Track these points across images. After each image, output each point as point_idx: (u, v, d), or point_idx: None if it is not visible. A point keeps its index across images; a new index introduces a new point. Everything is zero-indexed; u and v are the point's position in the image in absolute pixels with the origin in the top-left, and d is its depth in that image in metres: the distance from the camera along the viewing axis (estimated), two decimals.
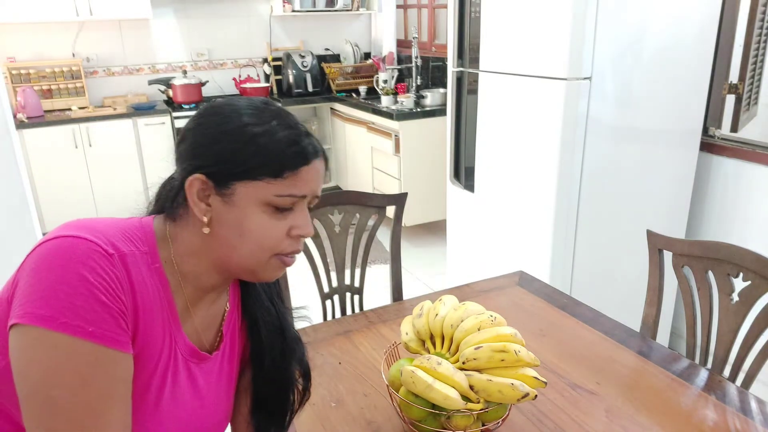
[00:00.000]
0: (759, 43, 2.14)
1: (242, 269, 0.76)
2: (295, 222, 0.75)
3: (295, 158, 0.72)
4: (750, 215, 2.17)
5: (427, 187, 3.64)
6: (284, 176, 0.71)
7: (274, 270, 0.76)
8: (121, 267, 0.67)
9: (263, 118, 0.72)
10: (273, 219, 0.73)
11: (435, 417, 0.95)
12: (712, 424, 1.03)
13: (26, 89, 3.63)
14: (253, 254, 0.73)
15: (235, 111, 0.73)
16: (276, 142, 0.71)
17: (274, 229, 0.73)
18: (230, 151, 0.71)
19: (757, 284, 1.23)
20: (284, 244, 0.75)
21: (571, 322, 1.39)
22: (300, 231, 0.76)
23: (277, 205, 0.72)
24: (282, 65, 4.42)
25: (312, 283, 1.60)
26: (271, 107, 0.75)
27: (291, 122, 0.74)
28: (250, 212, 0.72)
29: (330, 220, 1.60)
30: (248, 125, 0.71)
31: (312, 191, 0.75)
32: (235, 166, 0.70)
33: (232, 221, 0.72)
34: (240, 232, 0.72)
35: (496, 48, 2.24)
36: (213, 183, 0.71)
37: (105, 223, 0.71)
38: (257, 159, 0.70)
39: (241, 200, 0.71)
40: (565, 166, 2.02)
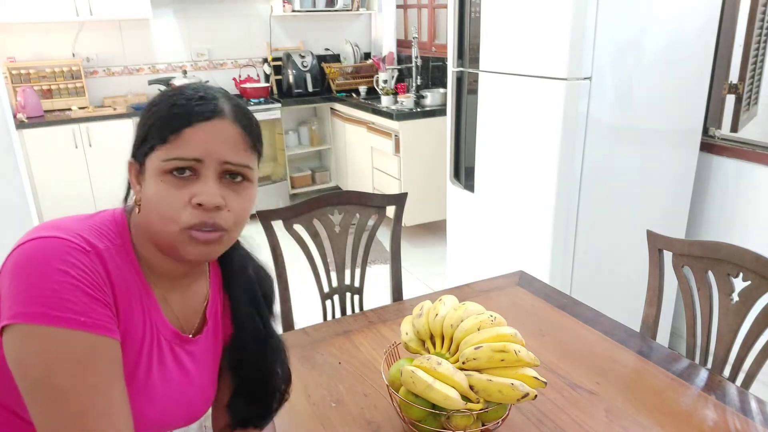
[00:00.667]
0: (759, 43, 2.14)
1: (163, 247, 0.75)
2: (195, 190, 0.71)
3: (176, 119, 0.71)
4: (750, 215, 2.17)
5: (427, 187, 3.64)
6: (168, 140, 0.70)
7: (186, 245, 0.72)
8: (98, 262, 0.69)
9: (167, 92, 0.75)
10: (172, 189, 0.71)
11: (435, 417, 0.95)
12: (712, 424, 1.03)
13: (26, 89, 3.63)
14: (161, 228, 0.72)
15: (162, 93, 0.76)
16: (163, 108, 0.72)
17: (172, 199, 0.71)
18: (140, 126, 0.74)
19: (757, 284, 1.23)
20: (185, 215, 0.71)
21: (571, 322, 1.39)
22: (198, 198, 0.71)
23: (169, 171, 0.70)
24: (282, 65, 4.42)
25: (312, 283, 1.60)
26: (190, 84, 0.76)
27: (192, 90, 0.74)
28: (152, 184, 0.71)
29: (330, 220, 1.60)
30: (158, 102, 0.74)
31: (207, 154, 0.71)
32: (139, 141, 0.74)
33: (145, 196, 0.73)
34: (148, 207, 0.72)
35: (496, 48, 2.24)
36: (138, 164, 0.74)
37: (77, 221, 0.73)
38: (146, 128, 0.73)
39: (148, 174, 0.72)
40: (565, 166, 2.02)
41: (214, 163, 0.72)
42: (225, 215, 0.73)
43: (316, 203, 1.58)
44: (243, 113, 0.75)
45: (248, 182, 0.76)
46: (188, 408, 0.84)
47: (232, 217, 0.74)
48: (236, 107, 0.75)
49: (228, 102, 0.74)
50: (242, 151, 0.74)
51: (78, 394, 0.64)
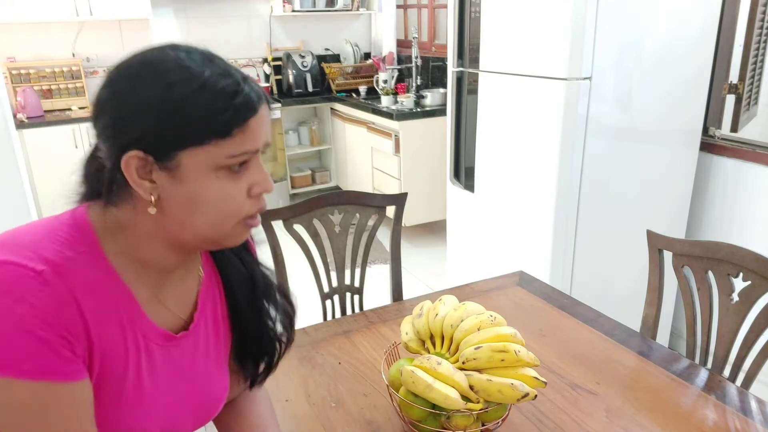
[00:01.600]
0: (759, 43, 2.14)
1: (203, 242, 0.69)
2: (252, 179, 0.67)
3: (241, 111, 0.63)
4: (750, 215, 2.17)
5: (427, 187, 3.64)
6: (233, 134, 0.62)
7: (239, 236, 0.70)
8: (55, 281, 0.60)
9: (192, 72, 0.62)
10: (230, 183, 0.65)
11: (435, 417, 0.95)
12: (712, 424, 1.03)
13: (26, 89, 3.63)
14: (214, 226, 0.66)
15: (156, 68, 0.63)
16: (216, 97, 0.61)
17: (234, 194, 0.66)
18: (164, 118, 0.61)
19: (757, 284, 1.23)
20: (247, 207, 0.67)
21: (571, 322, 1.39)
22: (261, 187, 0.68)
23: (231, 166, 0.64)
24: (282, 65, 4.42)
25: (312, 283, 1.60)
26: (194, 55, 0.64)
27: (224, 68, 0.64)
28: (203, 182, 0.63)
29: (330, 220, 1.60)
30: (178, 83, 0.61)
31: (264, 141, 0.67)
32: (174, 134, 0.61)
33: (184, 196, 0.64)
34: (195, 206, 0.64)
35: (496, 48, 2.24)
36: (153, 157, 0.62)
37: (31, 231, 0.64)
38: (198, 121, 0.61)
39: (190, 171, 0.63)
40: (565, 166, 2.02)
41: (263, 147, 0.68)
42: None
43: (316, 203, 1.58)
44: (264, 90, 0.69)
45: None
46: (196, 409, 0.80)
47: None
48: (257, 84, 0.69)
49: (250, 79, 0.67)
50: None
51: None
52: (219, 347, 0.83)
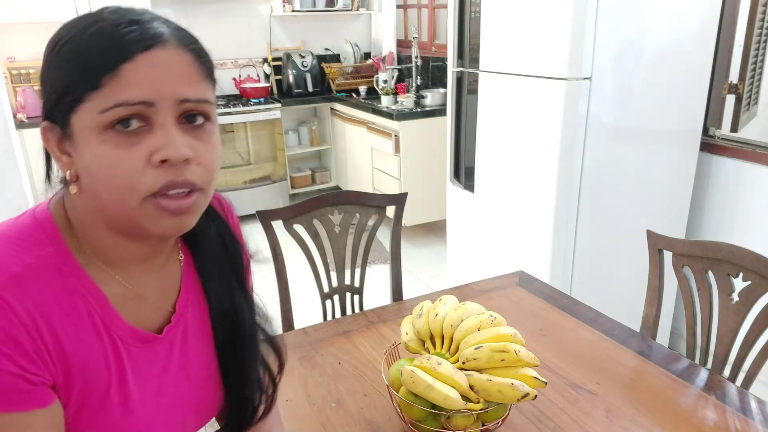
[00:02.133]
0: (759, 43, 2.14)
1: (125, 223, 0.59)
2: (153, 144, 0.55)
3: (107, 53, 0.53)
4: (750, 215, 2.17)
5: (427, 187, 3.64)
6: (102, 84, 0.53)
7: (157, 219, 0.58)
8: (13, 301, 0.54)
9: (77, 21, 0.56)
10: (120, 148, 0.54)
11: (435, 417, 0.95)
12: (712, 424, 1.03)
13: (26, 89, 3.63)
14: (118, 201, 0.56)
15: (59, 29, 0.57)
16: (83, 42, 0.54)
17: (125, 162, 0.55)
18: (48, 79, 0.56)
19: (757, 284, 1.23)
20: (147, 179, 0.55)
21: (571, 322, 1.39)
22: (161, 154, 0.55)
23: (111, 125, 0.54)
24: (282, 65, 4.42)
25: (312, 283, 1.60)
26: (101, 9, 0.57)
27: (115, 14, 0.56)
28: (91, 147, 0.55)
29: (330, 220, 1.60)
30: (63, 35, 0.55)
31: (157, 93, 0.55)
32: (56, 94, 0.55)
33: (84, 168, 0.56)
34: (92, 179, 0.56)
35: (496, 48, 2.24)
36: (56, 125, 0.56)
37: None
38: (66, 72, 0.54)
39: (80, 136, 0.55)
40: (565, 166, 2.02)
41: (169, 103, 0.56)
42: (196, 169, 0.58)
43: (316, 203, 1.58)
44: (188, 35, 0.60)
45: (210, 123, 0.61)
46: (195, 405, 0.75)
47: (203, 170, 0.59)
48: (178, 29, 0.59)
49: (166, 24, 0.59)
50: (199, 82, 0.58)
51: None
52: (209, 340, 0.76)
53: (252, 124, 4.13)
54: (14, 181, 2.27)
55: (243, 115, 4.02)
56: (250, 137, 4.22)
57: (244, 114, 4.01)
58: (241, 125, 4.11)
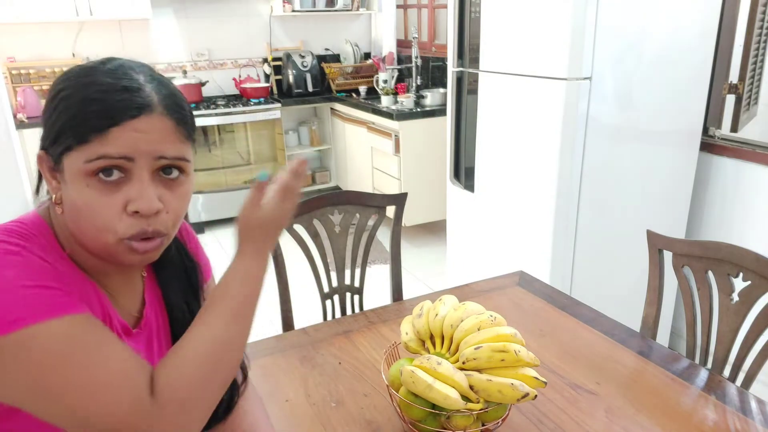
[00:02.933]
0: (759, 43, 2.14)
1: (99, 251, 0.67)
2: (129, 195, 0.63)
3: (97, 118, 0.61)
4: (750, 215, 2.17)
5: (427, 187, 3.64)
6: (89, 140, 0.61)
7: (127, 255, 0.66)
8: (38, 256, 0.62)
9: (78, 78, 0.64)
10: (101, 194, 0.63)
11: (435, 417, 0.95)
12: (712, 424, 1.03)
13: (26, 89, 3.63)
14: (95, 237, 0.65)
15: (62, 75, 0.66)
16: (76, 102, 0.62)
17: (104, 207, 0.63)
18: (47, 119, 0.64)
19: (757, 284, 1.23)
20: (122, 225, 0.64)
21: (571, 322, 1.39)
22: (134, 205, 0.63)
23: (95, 173, 0.62)
24: (282, 65, 4.42)
25: (312, 283, 1.60)
26: (102, 63, 0.65)
27: (111, 77, 0.63)
28: (77, 188, 0.63)
29: (330, 220, 1.60)
30: (63, 87, 0.64)
31: (138, 151, 0.63)
32: (52, 134, 0.63)
33: (68, 200, 0.64)
34: (75, 212, 0.64)
35: (496, 48, 2.24)
36: (50, 158, 0.65)
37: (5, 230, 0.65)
38: (59, 123, 0.62)
39: (68, 175, 0.63)
40: (565, 166, 2.02)
41: (147, 160, 0.64)
42: (163, 218, 0.67)
43: (316, 203, 1.58)
44: (175, 103, 0.66)
45: (185, 176, 0.69)
46: None
47: (170, 218, 0.68)
48: (167, 96, 0.66)
49: (156, 90, 0.65)
50: (177, 143, 0.66)
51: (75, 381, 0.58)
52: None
53: (252, 124, 4.13)
54: (14, 180, 2.27)
55: (243, 115, 4.02)
56: (250, 137, 4.23)
57: (244, 114, 4.01)
58: (241, 125, 4.11)
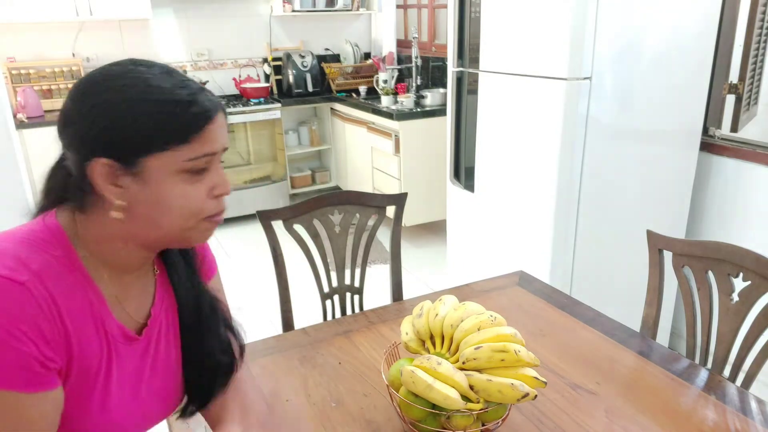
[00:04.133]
0: (759, 43, 2.14)
1: (171, 240, 0.75)
2: (212, 181, 0.73)
3: (198, 119, 0.68)
4: (750, 215, 2.17)
5: (427, 187, 3.64)
6: (190, 140, 0.68)
7: (204, 232, 0.76)
8: (37, 288, 0.64)
9: (152, 84, 0.68)
10: (191, 185, 0.71)
11: (435, 417, 0.95)
12: (712, 424, 1.03)
13: (26, 89, 3.63)
14: (180, 225, 0.72)
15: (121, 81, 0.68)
16: (174, 106, 0.67)
17: (195, 196, 0.71)
18: (128, 127, 0.66)
19: (757, 284, 1.23)
20: (208, 207, 0.73)
21: (571, 322, 1.39)
22: (220, 189, 0.74)
23: (192, 170, 0.70)
24: (282, 65, 4.42)
25: (312, 283, 1.60)
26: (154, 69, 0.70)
27: (181, 80, 0.70)
28: (167, 184, 0.69)
29: (330, 220, 1.60)
30: (140, 94, 0.67)
31: (222, 145, 0.73)
32: (137, 142, 0.66)
33: (151, 198, 0.69)
34: (161, 207, 0.70)
35: (496, 48, 2.24)
36: (119, 163, 0.67)
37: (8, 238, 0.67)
38: (159, 130, 0.67)
39: (154, 175, 0.68)
40: (565, 166, 2.02)
41: (221, 151, 0.73)
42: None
43: (316, 203, 1.58)
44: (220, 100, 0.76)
45: None
46: (163, 399, 0.84)
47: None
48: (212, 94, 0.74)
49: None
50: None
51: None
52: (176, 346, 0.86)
53: (252, 124, 4.13)
54: (14, 180, 2.27)
55: (243, 115, 4.02)
56: (250, 137, 4.23)
57: (244, 114, 4.01)
58: (241, 125, 4.11)
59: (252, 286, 3.20)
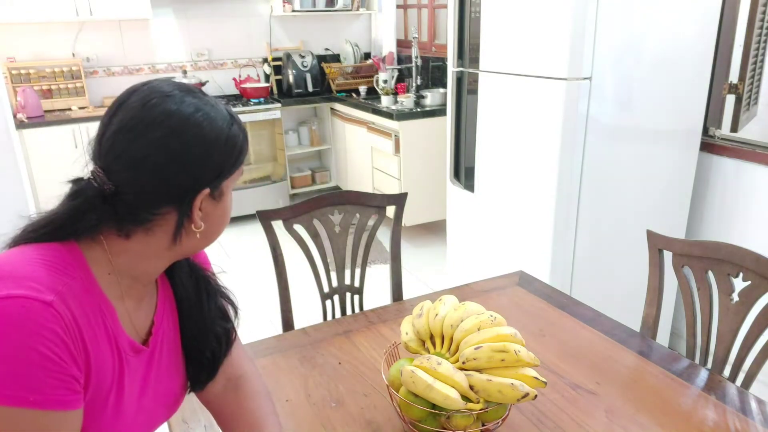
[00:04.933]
0: (759, 43, 2.14)
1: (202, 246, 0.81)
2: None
3: (246, 144, 0.79)
4: (750, 215, 2.17)
5: (427, 187, 3.64)
6: (242, 156, 0.79)
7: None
8: (63, 309, 0.65)
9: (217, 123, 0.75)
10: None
11: (435, 417, 0.95)
12: (712, 424, 1.03)
13: (26, 89, 3.63)
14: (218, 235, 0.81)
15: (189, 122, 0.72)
16: (240, 140, 0.77)
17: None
18: (214, 161, 0.74)
19: (757, 284, 1.23)
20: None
21: (571, 322, 1.39)
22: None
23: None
24: (282, 65, 4.42)
25: (312, 283, 1.60)
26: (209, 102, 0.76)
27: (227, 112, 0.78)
28: (226, 200, 0.79)
29: (330, 220, 1.60)
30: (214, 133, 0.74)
31: None
32: (221, 171, 0.76)
33: (220, 213, 0.79)
34: (223, 220, 0.81)
35: (496, 48, 2.24)
36: (212, 191, 0.76)
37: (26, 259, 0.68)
38: (231, 157, 0.76)
39: (225, 193, 0.79)
40: (565, 166, 2.02)
41: None
42: None
43: (316, 203, 1.58)
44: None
45: None
46: (166, 403, 0.86)
47: None
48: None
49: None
50: None
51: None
52: (177, 347, 0.89)
53: (252, 124, 4.13)
54: (14, 180, 2.27)
55: (243, 115, 4.02)
56: (250, 137, 4.21)
57: (244, 114, 4.01)
58: None
59: (252, 285, 3.20)
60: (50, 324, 0.63)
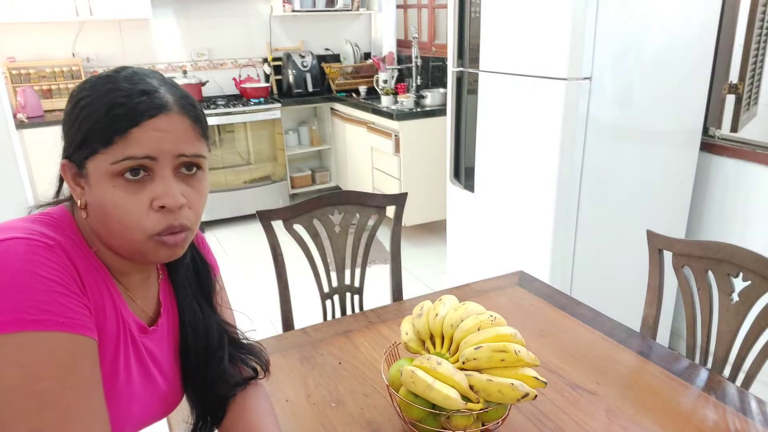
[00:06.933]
0: (759, 43, 2.14)
1: (126, 252, 0.71)
2: (154, 192, 0.67)
3: (119, 120, 0.65)
4: (750, 215, 2.17)
5: (427, 187, 3.64)
6: (114, 142, 0.65)
7: (156, 251, 0.70)
8: (64, 256, 0.65)
9: (96, 86, 0.68)
10: (128, 193, 0.66)
11: (435, 417, 0.95)
12: (712, 424, 1.03)
13: (26, 89, 3.63)
14: (124, 236, 0.68)
15: (81, 85, 0.69)
16: (99, 107, 0.65)
17: (132, 205, 0.67)
18: (69, 128, 0.69)
19: (757, 284, 1.23)
20: (150, 222, 0.68)
21: (571, 322, 1.39)
22: (160, 201, 0.67)
23: (121, 173, 0.66)
24: (282, 65, 4.42)
25: (312, 283, 1.60)
26: (116, 72, 0.69)
27: (128, 83, 0.67)
28: (103, 190, 0.67)
29: (330, 220, 1.60)
30: (84, 96, 0.68)
31: (160, 150, 0.67)
32: (76, 142, 0.67)
33: (94, 203, 0.68)
34: (102, 213, 0.68)
35: (496, 48, 2.24)
36: (75, 165, 0.69)
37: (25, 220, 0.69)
38: (83, 129, 0.66)
39: (93, 178, 0.67)
40: (565, 166, 2.02)
41: (169, 158, 0.68)
42: (187, 213, 0.70)
43: (316, 203, 1.58)
44: (189, 103, 0.71)
45: (202, 172, 0.73)
46: (164, 400, 0.84)
47: (192, 214, 0.71)
48: (181, 97, 0.70)
49: (171, 92, 0.69)
50: (194, 140, 0.70)
51: (61, 400, 0.60)
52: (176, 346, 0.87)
53: (252, 124, 4.13)
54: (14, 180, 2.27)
55: (243, 115, 4.02)
56: (250, 137, 4.22)
57: (244, 114, 4.01)
58: (241, 125, 4.11)
59: (252, 285, 3.20)
60: (55, 259, 0.63)
